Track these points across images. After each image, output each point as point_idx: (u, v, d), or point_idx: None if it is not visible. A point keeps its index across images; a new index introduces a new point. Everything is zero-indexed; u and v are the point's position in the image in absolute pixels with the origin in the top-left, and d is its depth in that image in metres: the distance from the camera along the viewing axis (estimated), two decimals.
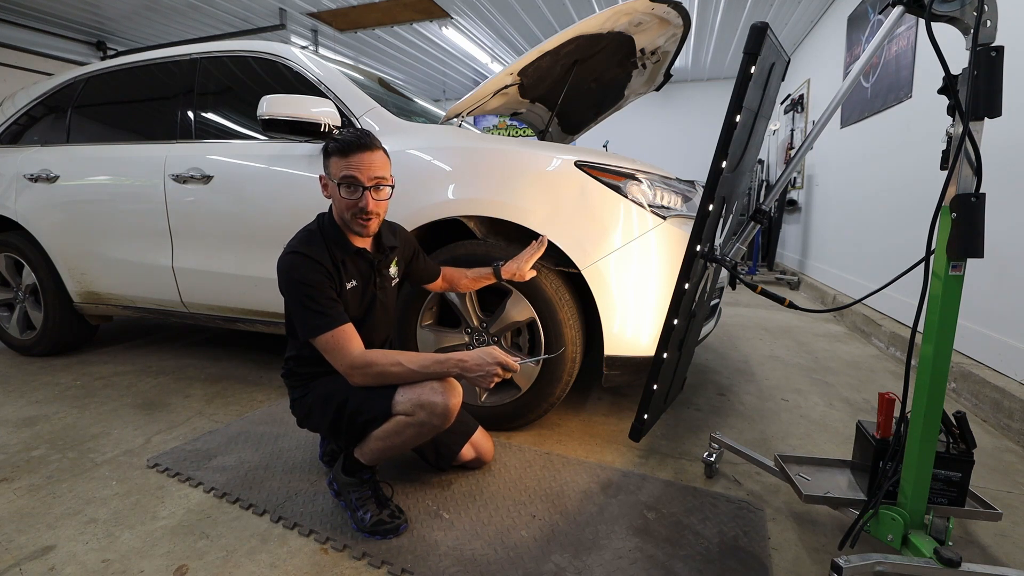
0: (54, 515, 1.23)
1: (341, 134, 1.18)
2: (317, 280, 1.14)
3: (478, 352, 1.14)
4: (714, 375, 2.33)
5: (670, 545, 1.14)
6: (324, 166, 1.20)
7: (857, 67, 1.09)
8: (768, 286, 4.72)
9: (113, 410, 1.86)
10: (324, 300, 1.14)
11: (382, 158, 1.19)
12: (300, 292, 1.14)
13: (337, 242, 1.21)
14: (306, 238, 1.20)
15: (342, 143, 1.16)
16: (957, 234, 0.93)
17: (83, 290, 2.34)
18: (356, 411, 1.18)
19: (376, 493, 1.21)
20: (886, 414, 1.10)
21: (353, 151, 1.15)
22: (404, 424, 1.14)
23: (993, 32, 0.93)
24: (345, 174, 1.15)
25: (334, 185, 1.18)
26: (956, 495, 1.03)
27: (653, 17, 1.90)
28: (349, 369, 1.15)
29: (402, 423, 1.14)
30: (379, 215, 1.21)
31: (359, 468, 1.22)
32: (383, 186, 1.19)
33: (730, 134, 1.08)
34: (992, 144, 2.00)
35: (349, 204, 1.17)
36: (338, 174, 1.16)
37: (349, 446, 1.23)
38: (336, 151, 1.16)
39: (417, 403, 1.13)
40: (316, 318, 1.13)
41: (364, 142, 1.16)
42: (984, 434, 1.78)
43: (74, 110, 2.41)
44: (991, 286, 2.06)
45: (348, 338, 1.15)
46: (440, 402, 1.12)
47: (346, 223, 1.20)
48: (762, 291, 1.14)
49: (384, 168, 1.19)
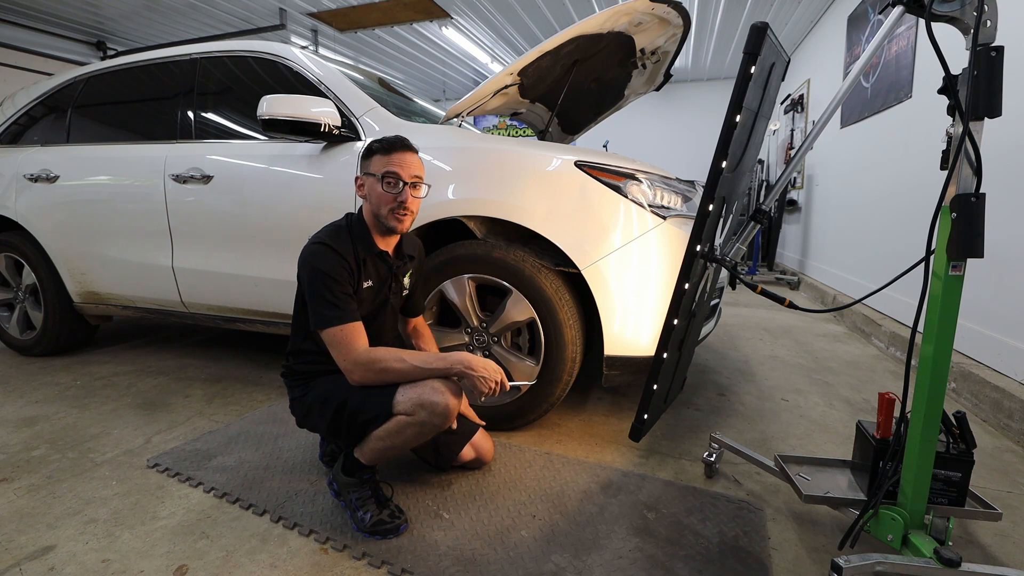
0: (54, 515, 1.23)
1: (382, 137, 1.26)
2: (338, 273, 1.18)
3: (484, 359, 1.21)
4: (714, 375, 2.33)
5: (670, 545, 1.14)
6: (362, 166, 1.27)
7: (857, 67, 1.09)
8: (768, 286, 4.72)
9: (113, 410, 1.86)
10: (340, 294, 1.18)
11: (420, 161, 1.28)
12: (320, 282, 1.17)
13: (363, 240, 1.26)
14: (334, 232, 1.24)
15: (386, 143, 1.24)
16: (957, 234, 0.92)
17: (83, 290, 2.34)
18: (356, 411, 1.18)
19: (376, 493, 1.21)
20: (886, 414, 1.10)
21: (396, 150, 1.24)
22: (405, 424, 1.14)
23: (993, 32, 0.92)
24: (388, 170, 1.22)
25: (374, 181, 1.24)
26: (956, 495, 1.03)
27: (653, 17, 1.90)
28: (352, 365, 1.16)
29: (403, 423, 1.14)
30: (414, 213, 1.28)
31: (359, 468, 1.22)
32: (420, 184, 1.28)
33: (730, 134, 1.08)
34: (992, 144, 2.00)
35: (389, 199, 1.23)
36: (380, 170, 1.23)
37: (349, 446, 1.24)
38: (380, 149, 1.24)
39: (418, 403, 1.13)
40: (330, 309, 1.16)
41: (406, 143, 1.27)
42: (984, 434, 1.78)
43: (74, 110, 2.40)
44: (991, 286, 2.06)
45: (356, 335, 1.18)
46: (441, 401, 1.13)
47: (381, 219, 1.25)
48: (762, 291, 1.14)
49: (422, 169, 1.28)
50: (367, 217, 1.28)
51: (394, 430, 1.15)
